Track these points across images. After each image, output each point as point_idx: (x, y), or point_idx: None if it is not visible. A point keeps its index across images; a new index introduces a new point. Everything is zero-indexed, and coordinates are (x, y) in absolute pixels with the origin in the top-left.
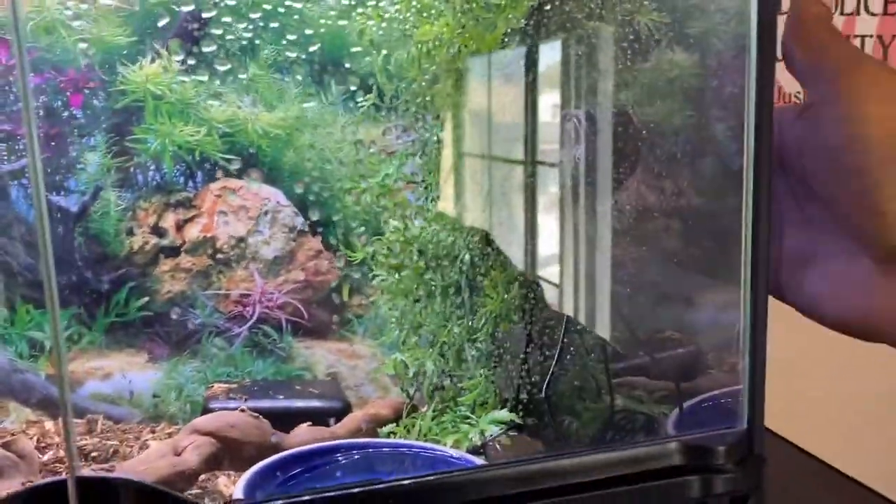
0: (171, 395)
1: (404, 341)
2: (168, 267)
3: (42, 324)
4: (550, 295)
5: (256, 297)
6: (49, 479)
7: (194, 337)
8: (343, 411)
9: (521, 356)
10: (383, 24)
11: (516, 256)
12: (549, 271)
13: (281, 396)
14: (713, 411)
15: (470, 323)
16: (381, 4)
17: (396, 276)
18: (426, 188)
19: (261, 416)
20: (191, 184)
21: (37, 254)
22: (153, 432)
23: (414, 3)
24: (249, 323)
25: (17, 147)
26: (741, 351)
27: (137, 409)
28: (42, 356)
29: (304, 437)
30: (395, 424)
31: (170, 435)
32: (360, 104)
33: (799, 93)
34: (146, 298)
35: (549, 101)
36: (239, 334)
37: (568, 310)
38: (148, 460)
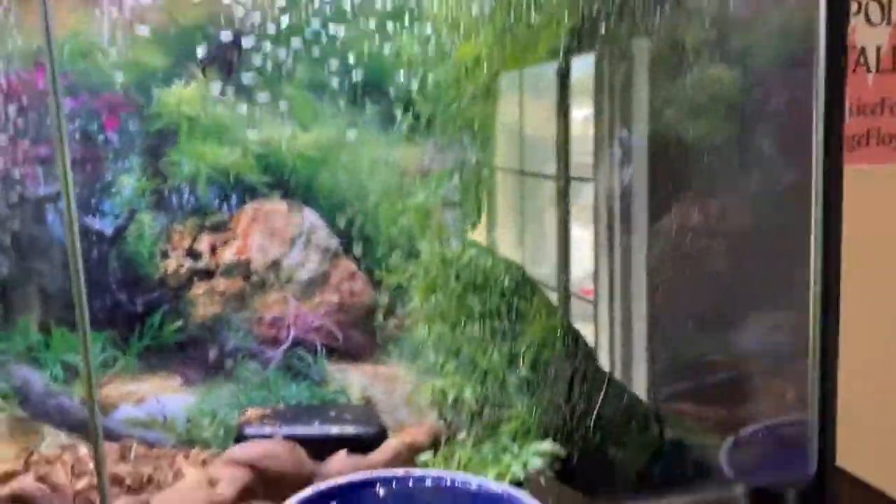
0: (205, 419)
1: (442, 366)
2: (202, 290)
3: (77, 348)
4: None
5: (291, 320)
6: None
7: (228, 360)
8: (379, 437)
9: (566, 384)
10: (421, 45)
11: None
12: (589, 290)
13: (316, 422)
14: (771, 442)
15: (511, 349)
16: (419, 23)
17: (433, 299)
18: (464, 210)
19: (297, 445)
20: (225, 206)
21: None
22: (186, 457)
23: (455, 24)
24: (284, 346)
25: (54, 171)
26: (809, 381)
27: (171, 433)
28: (76, 380)
29: (341, 467)
30: (432, 454)
31: (203, 461)
32: (396, 125)
33: None
34: (180, 322)
35: (590, 119)
36: (273, 358)
37: (609, 334)
38: (182, 492)
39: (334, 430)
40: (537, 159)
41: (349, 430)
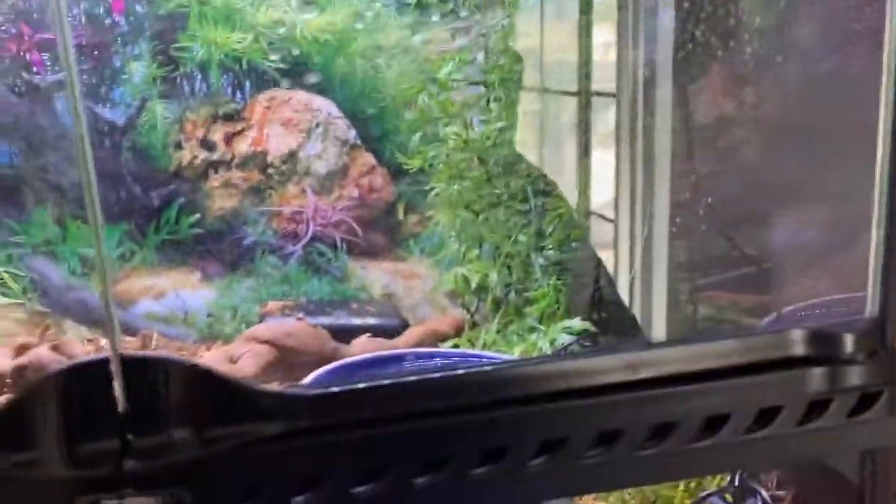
0: (226, 314)
1: (465, 255)
2: (218, 182)
3: (92, 240)
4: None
5: (310, 215)
6: (92, 357)
7: (248, 255)
8: (401, 329)
9: (594, 263)
10: None
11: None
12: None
13: (338, 314)
14: (817, 316)
15: (539, 230)
16: None
17: (456, 186)
18: (488, 88)
19: (320, 327)
20: (239, 94)
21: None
22: (208, 349)
23: None
24: (303, 241)
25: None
26: (875, 225)
27: (192, 328)
28: (94, 273)
29: (365, 348)
30: (456, 338)
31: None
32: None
33: None
34: (197, 215)
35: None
36: (293, 253)
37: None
38: None
39: (357, 321)
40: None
41: (371, 321)
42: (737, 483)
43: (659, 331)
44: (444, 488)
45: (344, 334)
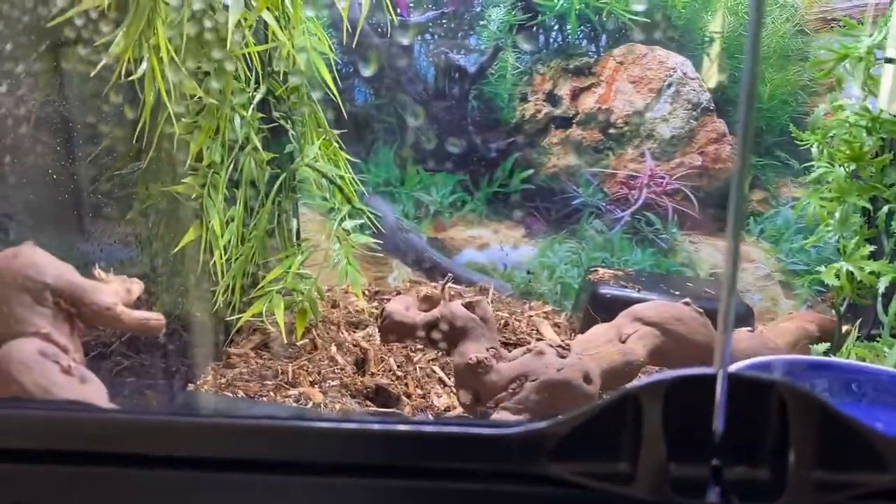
0: (544, 273)
1: (851, 249)
2: (557, 139)
3: (429, 186)
4: None
5: (644, 181)
6: (697, 370)
7: (574, 216)
8: (747, 318)
9: None
10: None
11: None
12: None
13: (678, 292)
14: None
15: None
16: None
17: (848, 167)
18: None
19: (703, 312)
20: (592, 48)
21: (433, 114)
22: (531, 309)
23: None
24: (634, 207)
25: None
26: None
27: (508, 283)
28: (425, 219)
29: (748, 343)
30: (833, 346)
31: (546, 314)
32: None
33: None
34: (531, 171)
35: None
36: (621, 219)
37: None
38: (595, 343)
39: (698, 302)
40: None
41: (713, 304)
42: None
43: None
44: None
45: None
